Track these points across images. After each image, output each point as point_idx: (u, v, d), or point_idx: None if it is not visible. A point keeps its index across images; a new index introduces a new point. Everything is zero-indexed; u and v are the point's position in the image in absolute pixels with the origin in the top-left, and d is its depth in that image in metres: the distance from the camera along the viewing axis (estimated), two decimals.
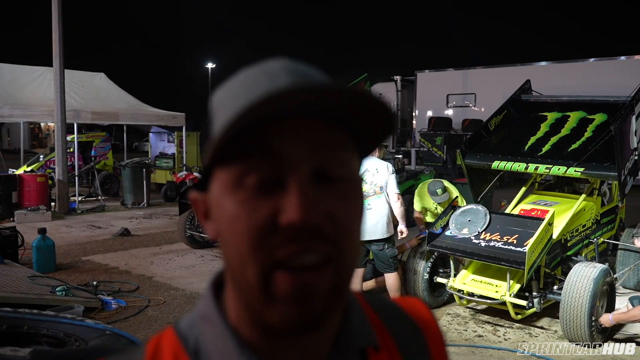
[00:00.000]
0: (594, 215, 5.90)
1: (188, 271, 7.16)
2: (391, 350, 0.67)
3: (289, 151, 0.53)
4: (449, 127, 18.53)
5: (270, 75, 0.55)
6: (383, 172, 5.19)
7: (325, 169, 0.54)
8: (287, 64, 0.57)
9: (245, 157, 0.53)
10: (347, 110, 0.54)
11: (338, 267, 0.54)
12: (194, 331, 0.60)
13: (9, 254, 6.75)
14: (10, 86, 13.06)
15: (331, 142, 0.55)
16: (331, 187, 0.54)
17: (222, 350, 0.57)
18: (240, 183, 0.54)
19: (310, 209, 0.52)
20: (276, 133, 0.53)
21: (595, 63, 17.01)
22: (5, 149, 32.87)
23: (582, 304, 4.61)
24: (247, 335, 0.58)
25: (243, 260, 0.53)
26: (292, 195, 0.52)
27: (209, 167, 0.57)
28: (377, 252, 5.25)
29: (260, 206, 0.53)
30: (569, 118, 5.99)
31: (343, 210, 0.55)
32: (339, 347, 0.60)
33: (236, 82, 0.57)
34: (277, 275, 0.52)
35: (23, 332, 3.26)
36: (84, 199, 13.62)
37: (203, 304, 0.62)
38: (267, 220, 0.52)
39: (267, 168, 0.53)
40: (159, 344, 0.62)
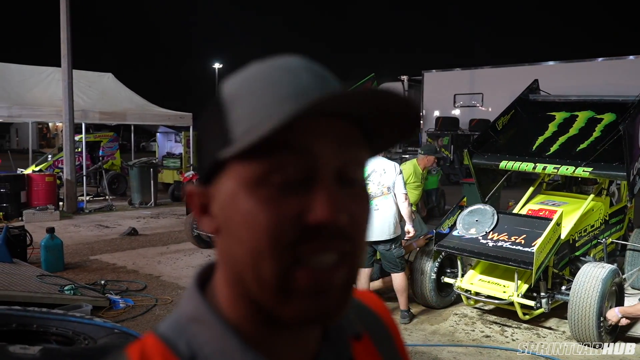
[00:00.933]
0: (602, 216, 5.87)
1: (195, 270, 7.17)
2: (366, 340, 0.69)
3: (318, 149, 0.53)
4: (456, 127, 18.50)
5: (293, 74, 0.55)
6: (390, 173, 5.18)
7: (347, 169, 0.55)
8: (304, 62, 0.57)
9: (273, 154, 0.52)
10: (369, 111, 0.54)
11: (352, 262, 0.55)
12: (183, 335, 0.58)
13: (17, 253, 6.79)
14: (19, 86, 13.14)
15: (352, 141, 0.55)
16: (349, 188, 0.55)
17: (222, 351, 0.56)
18: (265, 180, 0.52)
19: (338, 209, 0.52)
20: (305, 131, 0.53)
21: (604, 63, 16.92)
22: (14, 148, 33.07)
23: (591, 304, 4.58)
24: (248, 332, 0.57)
25: (259, 256, 0.52)
26: (321, 194, 0.52)
27: (219, 161, 0.55)
28: (384, 253, 5.25)
29: (285, 204, 0.52)
30: (577, 118, 5.97)
31: (361, 210, 0.56)
32: (329, 339, 0.62)
33: (255, 76, 0.56)
34: (298, 272, 0.52)
35: (32, 330, 3.28)
36: (92, 198, 13.69)
37: (190, 305, 0.60)
38: (293, 218, 0.52)
39: (296, 166, 0.52)
40: (144, 353, 0.58)
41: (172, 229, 10.13)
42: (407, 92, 21.18)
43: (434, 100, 20.07)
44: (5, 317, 3.29)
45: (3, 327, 3.22)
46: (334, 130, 0.54)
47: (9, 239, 6.66)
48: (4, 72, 13.31)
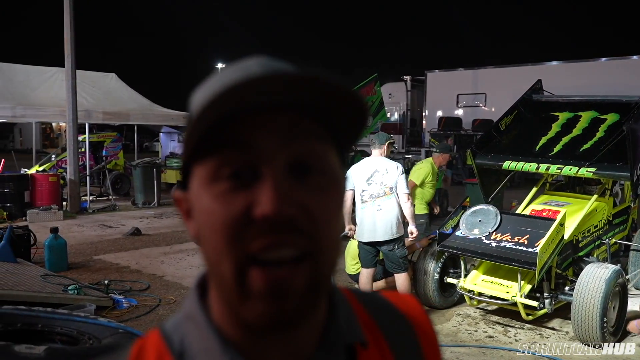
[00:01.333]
0: (605, 216, 5.86)
1: (198, 270, 7.01)
2: (381, 347, 0.66)
3: (261, 142, 0.53)
4: (459, 127, 18.50)
5: (244, 70, 0.55)
6: (393, 173, 5.18)
7: (301, 161, 0.54)
8: (262, 60, 0.57)
9: (220, 152, 0.53)
10: (320, 102, 0.53)
11: (315, 262, 0.53)
12: (179, 332, 0.60)
13: (21, 252, 6.82)
14: (23, 87, 13.18)
15: (306, 133, 0.54)
16: (307, 180, 0.54)
17: (206, 350, 0.57)
18: (216, 177, 0.54)
19: (284, 201, 0.51)
20: (249, 126, 0.53)
21: (607, 63, 16.89)
22: (18, 149, 33.19)
23: (594, 305, 4.57)
24: (230, 334, 0.57)
25: (219, 254, 0.53)
26: (265, 187, 0.52)
27: (187, 164, 0.57)
28: (387, 253, 5.25)
29: (234, 199, 0.53)
30: (581, 118, 5.96)
31: (319, 203, 0.54)
32: (325, 345, 0.59)
33: (212, 80, 0.58)
34: (252, 271, 0.52)
35: (37, 330, 3.29)
36: (95, 198, 13.72)
37: (188, 304, 0.61)
38: (242, 213, 0.52)
39: (240, 160, 0.53)
40: (143, 346, 0.61)
41: (175, 228, 10.14)
42: (410, 92, 21.19)
43: (437, 100, 20.07)
44: (11, 316, 3.30)
45: (8, 327, 3.24)
46: (283, 123, 0.53)
47: (13, 239, 6.68)
48: (7, 72, 13.36)
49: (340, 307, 0.62)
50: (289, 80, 0.50)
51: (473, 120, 18.40)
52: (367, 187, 5.17)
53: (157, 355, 0.59)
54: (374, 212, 5.13)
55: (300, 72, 0.50)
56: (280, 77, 0.50)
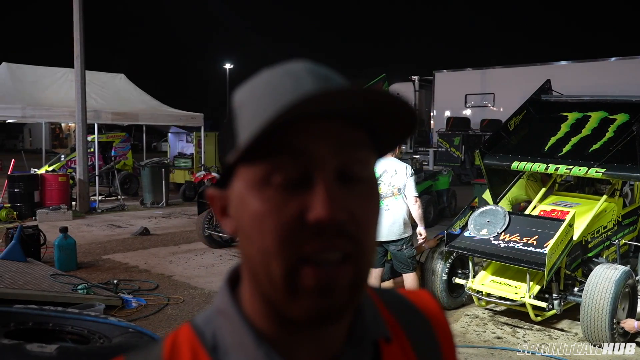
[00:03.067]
0: (615, 217, 5.82)
1: (207, 270, 7.22)
2: (402, 342, 0.68)
3: (315, 150, 0.55)
4: (467, 127, 18.43)
5: (295, 78, 0.56)
6: (402, 174, 5.18)
7: (348, 168, 0.56)
8: (309, 66, 0.58)
9: (272, 156, 0.55)
10: (368, 111, 0.56)
11: (357, 264, 0.56)
12: (211, 326, 0.62)
13: (31, 252, 6.87)
14: (32, 87, 13.27)
15: (353, 142, 0.57)
16: (352, 187, 0.56)
17: (239, 344, 0.59)
18: (267, 181, 0.55)
19: (336, 207, 0.53)
20: (302, 133, 0.55)
21: (617, 62, 16.78)
22: (27, 149, 33.39)
23: (604, 306, 4.55)
24: (264, 328, 0.59)
25: (268, 255, 0.55)
26: (319, 193, 0.53)
27: (232, 165, 0.58)
28: (395, 253, 5.25)
29: (287, 204, 0.54)
30: (590, 118, 5.92)
31: (363, 209, 0.56)
32: (353, 340, 0.62)
33: (260, 82, 0.59)
34: (303, 270, 0.54)
35: (48, 329, 3.32)
36: (104, 198, 13.80)
37: (219, 299, 0.63)
38: (295, 218, 0.54)
39: (294, 166, 0.55)
40: (176, 340, 0.63)
41: (183, 228, 10.18)
42: (417, 92, 21.16)
43: (445, 100, 20.02)
44: (22, 315, 3.33)
45: (20, 326, 3.26)
46: (333, 131, 0.55)
47: (23, 239, 6.74)
48: (17, 73, 13.46)
49: (366, 304, 0.65)
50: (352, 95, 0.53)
51: (481, 121, 18.33)
52: None
53: (190, 349, 0.61)
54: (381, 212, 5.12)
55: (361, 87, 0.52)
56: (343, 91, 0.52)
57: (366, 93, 0.53)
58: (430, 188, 11.01)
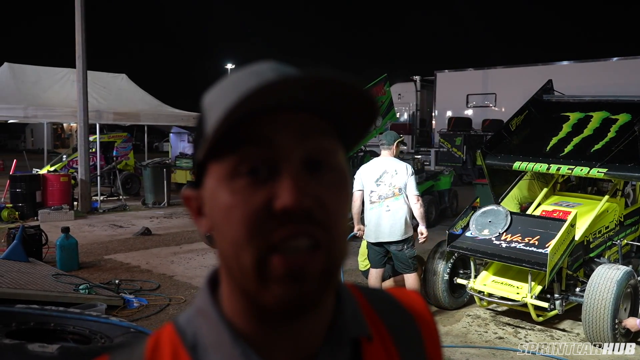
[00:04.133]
0: (617, 217, 5.81)
1: (208, 270, 7.19)
2: (385, 340, 0.68)
3: (279, 138, 0.56)
4: (468, 128, 18.41)
5: (258, 74, 0.58)
6: (402, 174, 5.16)
7: (314, 157, 0.57)
8: (273, 64, 0.60)
9: (238, 148, 0.56)
10: (330, 102, 0.57)
11: (328, 251, 0.56)
12: (192, 326, 0.63)
13: (33, 252, 6.87)
14: (34, 87, 13.27)
15: (318, 130, 0.58)
16: (319, 175, 0.57)
17: (217, 343, 0.60)
18: (235, 173, 0.56)
19: (302, 194, 0.55)
20: (266, 123, 0.56)
21: (618, 62, 16.75)
22: (29, 149, 33.45)
23: (606, 306, 4.55)
24: (241, 327, 0.60)
25: (239, 246, 0.56)
26: (285, 181, 0.55)
27: (203, 163, 0.60)
28: (396, 253, 5.24)
29: (255, 194, 0.56)
30: (592, 118, 5.91)
31: (332, 197, 0.57)
32: (332, 338, 0.62)
33: (226, 82, 0.61)
34: (272, 258, 0.55)
35: (50, 329, 3.32)
36: (106, 198, 13.80)
37: (199, 299, 0.64)
38: (262, 207, 0.55)
39: (259, 155, 0.56)
40: (158, 339, 0.64)
41: (185, 228, 10.19)
42: (419, 92, 21.14)
43: (447, 100, 20.01)
44: (24, 315, 3.33)
45: (21, 326, 3.27)
46: (296, 121, 0.57)
47: (24, 239, 6.75)
48: (19, 73, 13.46)
49: (346, 302, 0.65)
50: (303, 82, 0.54)
51: (483, 121, 18.31)
52: (376, 188, 5.16)
53: (171, 348, 0.62)
54: (382, 212, 5.11)
55: (313, 74, 0.53)
56: (295, 79, 0.53)
57: (320, 80, 0.54)
58: (432, 188, 11.00)
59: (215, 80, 0.63)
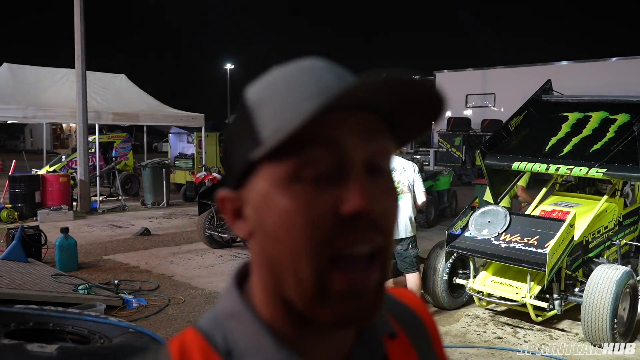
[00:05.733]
0: (616, 217, 5.82)
1: (207, 271, 7.22)
2: (403, 339, 0.69)
3: (346, 140, 0.53)
4: (468, 128, 18.42)
5: (314, 74, 0.56)
6: (410, 171, 5.24)
7: (375, 159, 0.55)
8: (323, 63, 0.58)
9: (303, 150, 0.53)
10: (392, 102, 0.55)
11: (384, 258, 0.55)
12: (220, 330, 0.59)
13: (32, 252, 6.87)
14: (34, 88, 13.27)
15: (380, 132, 0.56)
16: (377, 179, 0.55)
17: (257, 348, 0.57)
18: (297, 177, 0.53)
19: (371, 198, 0.52)
20: (332, 126, 0.53)
21: (617, 62, 16.77)
22: (28, 149, 33.43)
23: (604, 306, 4.55)
24: (281, 331, 0.57)
25: (298, 255, 0.53)
26: (354, 184, 0.52)
27: (250, 163, 0.56)
28: (401, 252, 5.22)
29: (319, 199, 0.52)
30: (591, 118, 5.91)
31: (388, 202, 0.56)
32: (363, 338, 0.62)
33: (277, 78, 0.57)
34: (334, 273, 0.52)
35: (49, 329, 3.32)
36: (105, 198, 13.79)
37: (228, 301, 0.61)
38: (328, 212, 0.52)
39: (326, 158, 0.53)
40: (184, 345, 0.60)
41: (184, 229, 10.19)
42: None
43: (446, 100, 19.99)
44: (23, 315, 3.33)
45: (20, 326, 3.27)
46: (359, 122, 0.54)
47: (24, 239, 6.75)
48: (18, 73, 13.46)
49: None
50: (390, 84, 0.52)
51: (482, 121, 18.32)
52: None
53: (202, 355, 0.58)
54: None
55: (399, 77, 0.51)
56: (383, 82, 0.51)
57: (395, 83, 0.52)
58: (431, 188, 11.00)
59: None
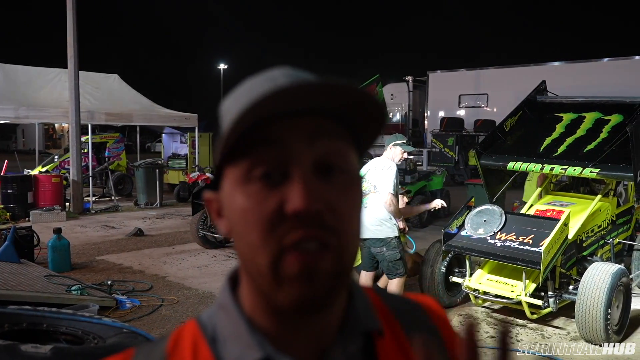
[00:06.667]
0: (609, 216, 5.86)
1: (201, 271, 7.19)
2: (399, 335, 0.70)
3: (289, 140, 0.57)
4: (461, 128, 18.47)
5: (272, 80, 0.61)
6: (377, 170, 5.04)
7: (325, 160, 0.58)
8: (287, 70, 0.62)
9: (251, 152, 0.58)
10: (343, 107, 0.58)
11: (338, 254, 0.58)
12: (212, 320, 0.66)
13: (25, 253, 6.82)
14: (26, 88, 13.18)
15: (329, 133, 0.59)
16: (331, 179, 0.58)
17: (235, 334, 0.62)
18: (249, 176, 0.58)
19: (312, 198, 0.56)
20: (278, 127, 0.58)
21: (609, 63, 16.87)
22: (21, 149, 33.23)
23: (598, 303, 4.59)
24: (259, 321, 0.62)
25: (254, 248, 0.58)
26: (295, 185, 0.56)
27: (220, 167, 0.62)
28: (377, 254, 5.07)
29: (268, 197, 0.57)
30: (585, 119, 5.95)
31: (342, 200, 0.59)
32: (344, 332, 0.64)
33: (241, 88, 0.64)
34: (285, 258, 0.56)
35: (43, 329, 3.30)
36: (98, 199, 13.73)
37: (221, 295, 0.67)
38: (275, 211, 0.57)
39: (271, 159, 0.57)
40: (181, 333, 0.67)
41: (177, 229, 10.15)
42: (411, 92, 21.19)
43: (439, 100, 20.06)
44: (16, 316, 3.31)
45: (14, 327, 3.24)
46: (306, 125, 0.58)
47: (16, 240, 6.69)
48: (10, 73, 13.37)
49: (358, 297, 0.67)
50: (315, 89, 0.55)
51: (475, 121, 18.37)
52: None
53: (192, 340, 0.65)
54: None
55: (325, 82, 0.55)
56: (307, 86, 0.54)
57: (332, 87, 0.55)
58: (424, 188, 11.03)
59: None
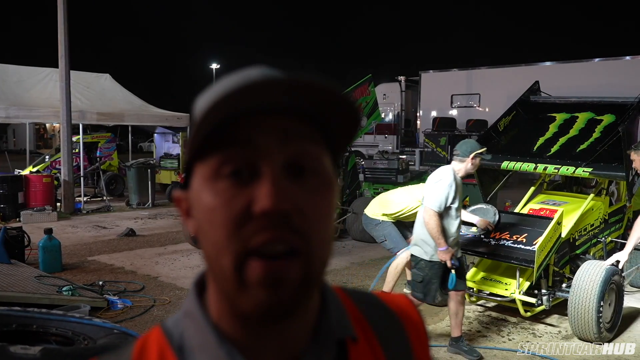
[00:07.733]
0: (602, 215, 5.89)
1: (193, 271, 7.15)
2: (371, 341, 0.68)
3: (260, 140, 0.56)
4: (453, 128, 18.51)
5: (243, 77, 0.58)
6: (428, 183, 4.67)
7: (297, 161, 0.56)
8: (262, 69, 0.60)
9: (221, 149, 0.56)
10: (315, 107, 0.56)
11: (306, 259, 0.56)
12: (179, 328, 0.63)
13: (15, 254, 6.76)
14: (17, 87, 13.10)
15: (302, 135, 0.57)
16: (302, 181, 0.57)
17: (203, 344, 0.59)
18: (217, 175, 0.56)
19: (280, 198, 0.54)
20: (249, 125, 0.56)
21: (600, 63, 16.95)
22: (11, 149, 33.04)
23: (590, 301, 4.62)
24: (227, 329, 0.60)
25: (219, 248, 0.56)
26: (264, 184, 0.54)
27: (190, 164, 0.60)
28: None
29: (236, 196, 0.55)
30: (577, 119, 6.00)
31: (312, 203, 0.57)
32: (317, 339, 0.62)
33: (214, 87, 0.62)
34: (250, 263, 0.54)
35: (32, 330, 3.26)
36: (90, 199, 13.65)
37: (187, 301, 0.64)
38: (242, 210, 0.55)
39: (240, 157, 0.56)
40: (146, 341, 0.64)
41: (169, 229, 10.10)
42: (404, 92, 21.21)
43: (431, 100, 20.09)
44: (6, 317, 3.27)
45: (3, 328, 3.20)
46: (278, 125, 0.56)
47: (7, 240, 6.63)
48: (1, 73, 13.28)
49: (331, 303, 0.65)
50: (284, 85, 0.53)
51: (467, 121, 18.41)
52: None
53: (158, 350, 0.62)
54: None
55: (294, 77, 0.53)
56: (276, 81, 0.53)
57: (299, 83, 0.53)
58: None
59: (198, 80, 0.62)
